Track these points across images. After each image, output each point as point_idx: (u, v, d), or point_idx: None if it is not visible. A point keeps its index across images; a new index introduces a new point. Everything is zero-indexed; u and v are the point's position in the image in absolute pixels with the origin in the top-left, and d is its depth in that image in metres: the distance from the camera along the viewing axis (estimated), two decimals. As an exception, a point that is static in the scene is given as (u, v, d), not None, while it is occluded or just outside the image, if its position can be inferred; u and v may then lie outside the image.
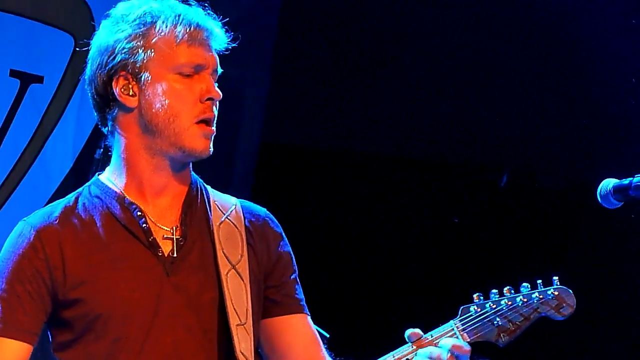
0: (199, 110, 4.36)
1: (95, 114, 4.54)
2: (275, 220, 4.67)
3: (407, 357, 4.31)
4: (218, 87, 4.44)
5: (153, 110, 4.35)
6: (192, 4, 4.50)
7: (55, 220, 4.40)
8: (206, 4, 4.54)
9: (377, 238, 10.00)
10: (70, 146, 9.06)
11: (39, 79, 9.09)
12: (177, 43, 4.35)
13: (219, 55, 4.49)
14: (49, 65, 9.09)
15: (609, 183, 5.06)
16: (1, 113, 8.98)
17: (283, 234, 4.65)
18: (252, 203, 4.69)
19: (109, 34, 4.43)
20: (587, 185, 5.30)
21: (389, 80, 10.02)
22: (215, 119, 4.42)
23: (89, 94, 4.52)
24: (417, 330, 4.35)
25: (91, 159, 5.68)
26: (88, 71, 4.50)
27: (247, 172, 8.72)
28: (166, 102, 4.33)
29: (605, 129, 10.28)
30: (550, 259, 9.80)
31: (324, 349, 4.66)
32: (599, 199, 5.10)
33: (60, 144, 9.07)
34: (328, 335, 5.98)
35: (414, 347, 4.32)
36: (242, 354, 4.35)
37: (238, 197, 4.71)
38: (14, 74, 9.04)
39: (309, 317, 4.65)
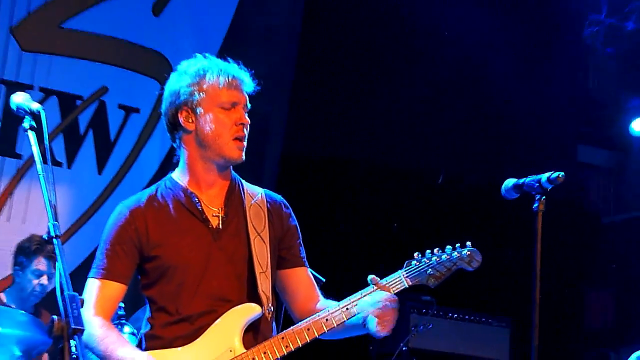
0: (234, 131, 4.42)
1: (168, 134, 4.58)
2: (287, 203, 4.72)
3: (368, 294, 4.36)
4: (247, 115, 4.48)
5: (205, 132, 4.41)
6: (230, 61, 4.55)
7: (142, 204, 4.47)
8: (239, 61, 4.58)
9: (362, 224, 9.96)
10: (157, 155, 9.08)
11: (137, 110, 9.11)
12: (220, 88, 4.42)
13: (249, 95, 4.55)
14: (143, 101, 9.07)
15: (509, 182, 5.08)
16: (113, 132, 9.04)
17: (292, 212, 4.69)
18: (271, 191, 4.73)
19: (176, 82, 4.50)
20: (494, 183, 5.31)
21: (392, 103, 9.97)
22: (246, 137, 4.48)
23: (164, 121, 4.57)
24: (375, 276, 4.40)
25: (170, 163, 5.68)
26: (162, 106, 4.55)
27: (271, 177, 8.75)
28: (213, 126, 4.41)
29: (507, 146, 10.27)
30: (466, 231, 9.78)
31: (318, 290, 4.70)
32: (503, 192, 5.11)
33: (150, 153, 9.09)
34: (324, 280, 6.00)
35: (374, 287, 4.36)
36: (263, 292, 4.41)
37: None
38: (121, 107, 9.09)
39: (308, 269, 4.70)
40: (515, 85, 10.07)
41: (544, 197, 4.89)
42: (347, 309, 4.37)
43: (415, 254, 4.47)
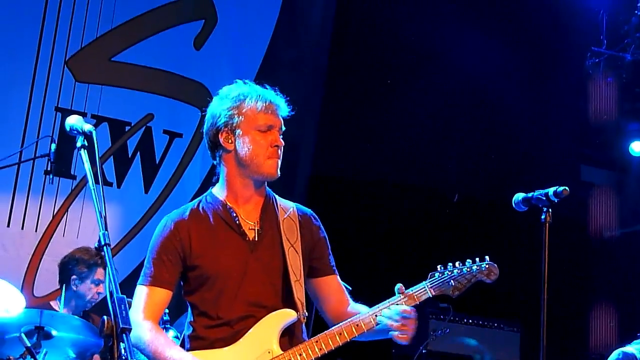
0: (270, 152, 4.41)
1: (209, 152, 4.57)
2: (317, 216, 4.69)
3: (396, 302, 4.34)
4: (282, 138, 4.47)
5: (242, 152, 4.40)
6: (267, 87, 4.54)
7: (186, 217, 4.45)
8: (276, 87, 4.58)
9: (385, 238, 9.92)
10: (198, 175, 9.09)
11: (180, 135, 9.13)
12: (257, 112, 4.40)
13: (284, 119, 4.54)
14: (186, 127, 9.11)
15: (519, 196, 5.06)
16: (158, 155, 9.06)
17: (321, 225, 4.67)
18: (302, 206, 4.71)
19: (217, 106, 4.49)
20: (504, 200, 5.29)
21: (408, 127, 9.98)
22: (281, 157, 4.47)
23: (205, 141, 4.56)
24: (402, 285, 4.38)
25: (210, 183, 5.67)
26: (205, 127, 4.53)
27: (301, 195, 8.72)
28: (251, 147, 4.39)
29: (516, 167, 10.23)
30: (480, 244, 9.76)
31: (347, 295, 4.70)
32: (513, 205, 5.09)
33: (192, 174, 9.11)
34: (350, 288, 5.96)
35: (401, 296, 4.35)
36: (298, 299, 4.40)
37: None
38: (165, 132, 9.11)
39: (338, 277, 4.68)
40: (523, 110, 10.07)
41: (550, 209, 4.88)
42: (375, 315, 4.35)
43: (438, 267, 4.45)
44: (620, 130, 10.57)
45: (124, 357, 3.33)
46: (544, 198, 4.90)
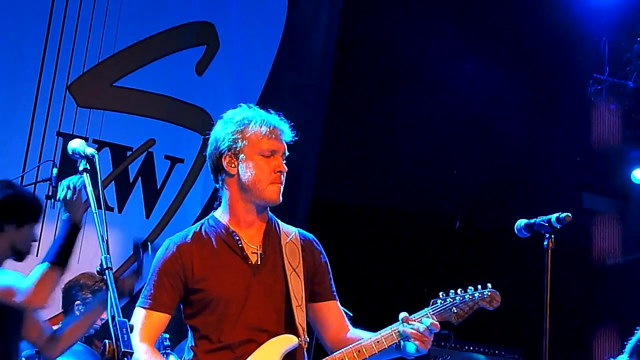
0: (273, 177, 4.40)
1: (212, 175, 4.56)
2: (318, 242, 4.69)
3: (398, 329, 4.35)
4: (285, 163, 4.47)
5: (245, 176, 4.39)
6: (272, 112, 4.55)
7: (188, 240, 4.44)
8: (280, 113, 4.59)
9: (386, 263, 9.91)
10: (199, 200, 9.07)
11: (181, 160, 9.13)
12: (261, 137, 4.40)
13: (287, 144, 4.54)
14: (187, 152, 9.10)
15: (521, 222, 5.07)
16: (159, 180, 9.06)
17: (322, 250, 4.66)
18: (304, 231, 4.71)
19: (221, 129, 4.48)
20: (506, 227, 5.30)
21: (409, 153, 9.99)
22: (283, 182, 4.46)
23: (208, 164, 4.56)
24: (406, 313, 4.38)
25: (211, 208, 5.65)
26: (208, 150, 4.54)
27: (303, 219, 8.72)
28: (254, 172, 4.39)
29: (517, 194, 10.22)
30: (481, 270, 9.76)
31: (347, 321, 4.68)
32: (516, 231, 5.10)
33: (193, 199, 9.09)
34: (351, 314, 5.96)
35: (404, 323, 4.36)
36: (300, 324, 4.40)
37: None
38: (167, 157, 9.11)
39: (338, 303, 4.67)
40: (525, 137, 10.10)
41: (553, 236, 4.88)
42: (377, 341, 4.36)
43: (440, 294, 4.46)
44: (622, 158, 10.57)
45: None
46: (547, 224, 4.91)
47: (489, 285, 4.51)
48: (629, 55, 10.04)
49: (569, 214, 4.89)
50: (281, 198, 4.47)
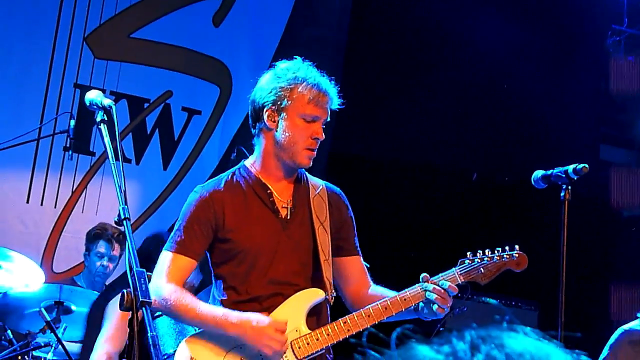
0: (309, 143, 4.37)
1: (250, 120, 4.53)
2: (345, 196, 4.69)
3: (424, 287, 4.35)
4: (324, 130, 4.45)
5: (283, 135, 4.36)
6: (325, 75, 4.49)
7: (221, 188, 4.45)
8: (332, 78, 4.53)
9: (403, 217, 9.90)
10: (216, 152, 9.08)
11: (199, 112, 9.13)
12: (307, 102, 4.35)
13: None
14: (204, 104, 9.11)
15: (538, 173, 5.07)
16: (177, 132, 9.08)
17: (349, 205, 4.68)
18: (331, 184, 4.71)
19: (270, 81, 4.43)
20: (523, 180, 5.30)
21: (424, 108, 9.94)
22: (317, 148, 4.43)
23: (250, 106, 4.51)
24: (427, 274, 4.38)
25: (228, 160, 5.69)
26: (253, 95, 4.49)
27: (320, 171, 8.68)
28: (290, 133, 4.35)
29: (534, 147, 10.19)
30: (498, 224, 9.76)
31: (369, 277, 4.70)
32: (533, 183, 5.10)
33: (210, 151, 9.09)
34: (368, 265, 5.99)
35: (443, 275, 4.41)
36: (327, 279, 4.42)
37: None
38: (184, 109, 9.12)
39: (361, 258, 4.70)
40: (542, 90, 10.05)
41: (570, 187, 4.88)
42: (404, 298, 4.36)
43: (468, 253, 4.49)
44: (640, 110, 10.53)
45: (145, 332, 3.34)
46: (564, 175, 4.91)
47: (517, 247, 4.52)
48: (648, 6, 9.96)
49: (586, 165, 4.89)
50: (311, 163, 4.46)
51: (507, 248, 4.51)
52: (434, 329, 8.56)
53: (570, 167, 4.88)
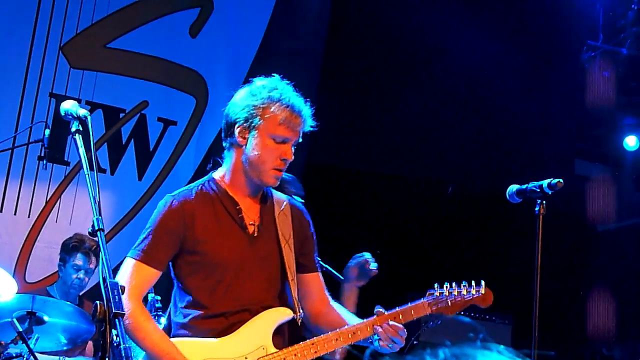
0: (277, 163, 4.34)
1: (222, 133, 4.49)
2: (307, 211, 4.69)
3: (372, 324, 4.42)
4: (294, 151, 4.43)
5: (252, 153, 4.33)
6: (300, 98, 4.45)
7: (192, 199, 4.38)
8: (308, 100, 4.49)
9: (377, 228, 9.88)
10: (192, 163, 9.07)
11: (174, 123, 9.12)
12: (279, 123, 4.31)
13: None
14: (180, 115, 9.10)
15: (513, 187, 5.09)
16: (152, 142, 9.06)
17: (311, 221, 4.66)
18: (294, 200, 4.71)
19: (246, 97, 4.40)
20: (498, 193, 5.32)
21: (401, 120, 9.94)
22: (285, 169, 4.41)
23: (223, 120, 4.48)
24: (381, 309, 4.44)
25: (203, 170, 5.67)
26: (227, 109, 4.46)
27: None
28: (260, 152, 4.32)
29: (510, 161, 10.23)
30: (472, 236, 9.78)
31: (327, 294, 4.70)
32: (507, 197, 5.12)
33: (185, 161, 9.08)
34: (342, 278, 6.01)
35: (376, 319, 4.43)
36: (295, 298, 4.44)
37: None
38: (160, 119, 9.10)
39: (320, 275, 4.69)
40: (518, 103, 10.09)
41: (544, 201, 4.90)
42: (372, 326, 4.40)
43: (435, 285, 4.54)
44: (615, 125, 10.59)
45: (115, 343, 3.32)
46: (538, 190, 4.93)
47: (483, 283, 4.58)
48: (623, 22, 10.03)
49: (561, 180, 4.91)
50: (277, 183, 4.44)
51: (473, 283, 4.56)
52: (407, 342, 8.58)
53: (545, 182, 4.90)
